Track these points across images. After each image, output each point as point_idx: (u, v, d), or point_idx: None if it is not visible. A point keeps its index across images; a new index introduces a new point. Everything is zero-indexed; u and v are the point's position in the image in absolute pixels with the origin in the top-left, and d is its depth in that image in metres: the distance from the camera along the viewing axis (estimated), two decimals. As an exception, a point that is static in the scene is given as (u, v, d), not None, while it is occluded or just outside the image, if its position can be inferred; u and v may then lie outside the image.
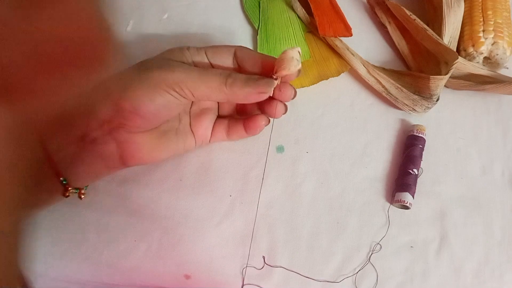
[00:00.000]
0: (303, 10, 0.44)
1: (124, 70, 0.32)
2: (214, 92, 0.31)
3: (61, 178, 0.31)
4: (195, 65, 0.33)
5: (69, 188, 0.32)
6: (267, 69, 0.33)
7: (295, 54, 0.31)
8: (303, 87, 0.41)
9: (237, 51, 0.34)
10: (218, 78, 0.30)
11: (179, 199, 0.37)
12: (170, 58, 0.32)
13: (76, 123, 0.30)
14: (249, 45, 0.44)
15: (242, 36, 0.44)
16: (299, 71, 0.32)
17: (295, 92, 0.34)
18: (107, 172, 0.34)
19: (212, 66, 0.34)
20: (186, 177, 0.37)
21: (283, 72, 0.31)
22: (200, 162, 0.38)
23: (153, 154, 0.33)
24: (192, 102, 0.35)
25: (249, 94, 0.31)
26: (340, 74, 0.41)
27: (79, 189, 0.33)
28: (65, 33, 0.19)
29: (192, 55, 0.33)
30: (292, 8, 0.45)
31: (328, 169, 0.38)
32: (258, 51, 0.43)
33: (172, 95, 0.30)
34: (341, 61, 0.42)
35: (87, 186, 0.34)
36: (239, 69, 0.34)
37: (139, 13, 0.45)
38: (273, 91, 0.32)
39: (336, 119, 0.40)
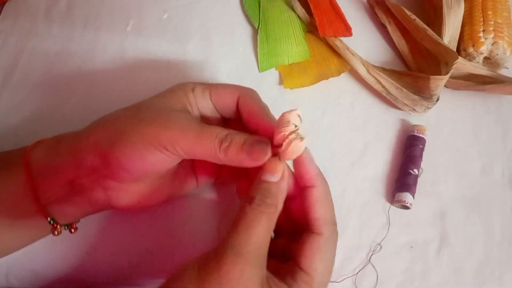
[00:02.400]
0: (303, 10, 0.44)
1: (120, 112, 0.29)
2: (209, 157, 0.28)
3: (48, 218, 0.30)
4: (199, 110, 0.31)
5: (57, 226, 0.30)
6: (265, 129, 0.29)
7: (292, 118, 0.26)
8: (303, 87, 0.41)
9: (240, 99, 0.30)
10: (212, 143, 0.27)
11: (180, 200, 0.36)
12: (171, 103, 0.29)
13: (64, 169, 0.29)
14: (249, 45, 0.44)
15: (242, 36, 0.44)
16: (300, 139, 0.25)
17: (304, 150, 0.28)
18: (96, 211, 0.32)
19: (215, 108, 0.31)
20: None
21: (279, 140, 0.26)
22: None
23: (144, 202, 0.31)
24: None
25: (244, 161, 0.27)
26: (340, 74, 0.41)
27: (69, 225, 0.32)
28: None
29: (197, 98, 0.30)
30: (292, 8, 0.45)
31: (328, 169, 0.38)
32: (258, 51, 0.43)
33: (164, 153, 0.27)
34: (341, 61, 0.42)
35: (79, 220, 0.33)
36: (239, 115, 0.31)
37: (139, 13, 0.45)
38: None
39: (336, 119, 0.40)
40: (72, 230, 0.32)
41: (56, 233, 0.31)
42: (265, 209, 0.25)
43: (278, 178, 0.27)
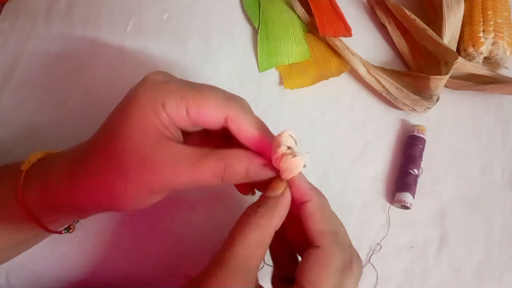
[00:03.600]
0: (303, 10, 0.44)
1: (99, 159, 0.26)
2: (207, 187, 0.26)
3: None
4: (176, 124, 0.26)
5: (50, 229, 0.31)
6: (262, 147, 0.26)
7: (284, 139, 0.24)
8: (303, 87, 0.41)
9: (229, 122, 0.25)
10: (211, 179, 0.25)
11: (179, 199, 0.36)
12: (146, 134, 0.25)
13: (64, 213, 0.29)
14: (249, 45, 0.44)
15: (242, 36, 0.44)
16: (293, 155, 0.24)
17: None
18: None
19: (194, 123, 0.26)
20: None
21: (275, 163, 0.25)
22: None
23: (144, 205, 0.28)
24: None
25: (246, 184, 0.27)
26: (340, 74, 0.41)
27: (67, 228, 0.32)
28: None
29: (170, 116, 0.25)
30: (292, 8, 0.45)
31: (328, 169, 0.38)
32: (258, 51, 0.43)
33: (160, 195, 0.26)
34: (341, 61, 0.42)
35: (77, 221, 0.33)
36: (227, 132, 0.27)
37: (139, 13, 0.45)
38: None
39: (336, 119, 0.40)
40: (70, 231, 0.32)
41: (58, 230, 0.31)
42: (254, 219, 0.24)
43: (278, 194, 0.26)
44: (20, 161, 0.30)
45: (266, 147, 0.25)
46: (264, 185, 0.26)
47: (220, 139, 0.29)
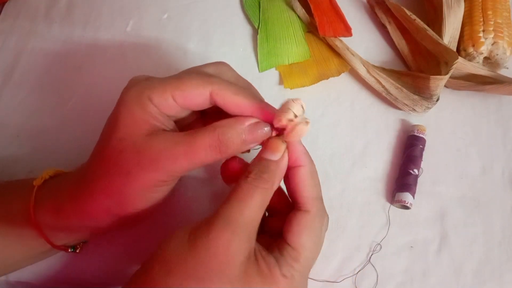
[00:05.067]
0: (303, 10, 0.44)
1: (102, 165, 0.27)
2: (209, 162, 0.26)
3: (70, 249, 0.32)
4: (167, 115, 0.27)
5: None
6: (250, 112, 0.27)
7: (295, 106, 0.25)
8: (303, 87, 0.41)
9: (214, 96, 0.26)
10: (208, 155, 0.25)
11: (180, 199, 0.36)
12: (138, 130, 0.26)
13: (76, 229, 0.30)
14: (249, 45, 0.44)
15: (242, 36, 0.44)
16: (306, 123, 0.25)
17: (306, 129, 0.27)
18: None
19: (183, 108, 0.27)
20: (186, 176, 0.37)
21: (280, 124, 0.25)
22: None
23: (153, 201, 0.29)
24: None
25: (246, 148, 0.27)
26: (340, 74, 0.41)
27: (74, 247, 0.33)
28: None
29: (159, 107, 0.26)
30: (292, 8, 0.45)
31: (328, 169, 0.38)
32: (258, 51, 0.43)
33: (164, 185, 0.27)
34: (341, 61, 0.42)
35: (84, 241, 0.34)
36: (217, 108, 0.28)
37: (139, 13, 0.45)
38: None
39: (336, 119, 0.40)
40: (77, 251, 0.33)
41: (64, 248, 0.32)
42: (260, 183, 0.25)
43: (279, 157, 0.26)
44: (30, 178, 0.31)
45: (255, 111, 0.26)
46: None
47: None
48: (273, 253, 0.26)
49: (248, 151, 0.30)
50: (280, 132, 0.26)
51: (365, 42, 0.44)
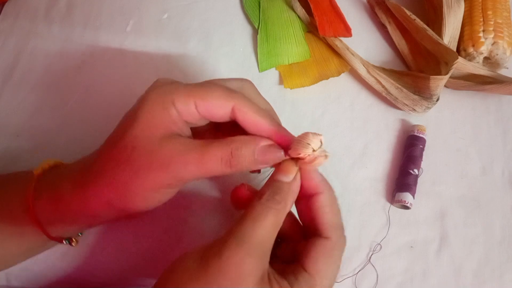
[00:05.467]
0: (303, 10, 0.44)
1: (112, 163, 0.27)
2: (217, 174, 0.27)
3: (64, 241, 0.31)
4: (185, 121, 0.27)
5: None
6: (267, 133, 0.27)
7: (314, 141, 0.25)
8: (303, 86, 0.41)
9: (236, 111, 0.27)
10: (219, 166, 0.26)
11: (179, 199, 0.36)
12: (156, 131, 0.26)
13: (77, 220, 0.30)
14: (249, 45, 0.44)
15: (242, 36, 0.44)
16: (326, 157, 0.26)
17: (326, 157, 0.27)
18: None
19: (203, 117, 0.27)
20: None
21: (294, 155, 0.26)
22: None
23: (155, 202, 0.29)
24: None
25: (256, 168, 0.27)
26: (340, 74, 0.41)
27: (69, 239, 0.32)
28: None
29: (180, 112, 0.26)
30: (292, 8, 0.45)
31: (328, 169, 0.38)
32: (258, 51, 0.43)
33: (170, 189, 0.27)
34: (341, 61, 0.42)
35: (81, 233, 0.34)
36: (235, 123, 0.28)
37: (139, 13, 0.45)
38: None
39: (336, 119, 0.40)
40: (72, 244, 0.33)
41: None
42: (273, 204, 0.25)
43: (291, 179, 0.26)
44: (29, 170, 0.30)
45: (272, 133, 0.27)
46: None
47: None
48: (288, 278, 0.26)
49: (259, 171, 0.30)
50: (295, 159, 0.27)
51: (365, 42, 0.44)
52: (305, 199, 0.28)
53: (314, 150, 0.26)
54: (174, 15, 0.45)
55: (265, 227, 0.25)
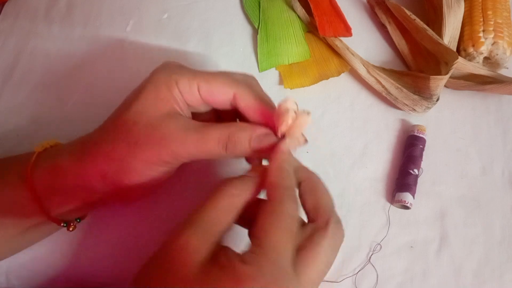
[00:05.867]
0: (303, 10, 0.44)
1: (111, 135, 0.28)
2: (213, 157, 0.28)
3: (62, 224, 0.31)
4: (187, 103, 0.28)
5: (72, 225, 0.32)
6: (267, 120, 0.28)
7: (290, 105, 0.26)
8: (303, 86, 0.41)
9: (237, 98, 0.28)
10: (216, 147, 0.27)
11: (180, 199, 0.36)
12: (157, 107, 0.27)
13: (73, 195, 0.29)
14: (249, 45, 0.44)
15: (242, 36, 0.44)
16: (308, 113, 0.27)
17: (305, 140, 0.29)
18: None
19: (204, 102, 0.29)
20: (187, 176, 0.37)
21: (283, 128, 0.27)
22: (200, 162, 0.38)
23: (150, 178, 0.29)
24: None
25: (250, 155, 0.28)
26: (340, 74, 0.41)
27: (67, 222, 0.32)
28: None
29: (183, 93, 0.28)
30: (292, 8, 0.45)
31: (328, 169, 0.38)
32: (258, 50, 0.43)
33: (166, 166, 0.28)
34: (341, 61, 0.42)
35: (79, 219, 0.33)
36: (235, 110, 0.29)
37: (139, 13, 0.45)
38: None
39: (336, 119, 0.40)
40: (70, 229, 0.32)
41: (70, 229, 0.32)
42: (228, 188, 0.25)
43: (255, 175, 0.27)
44: (28, 152, 0.31)
45: (271, 120, 0.27)
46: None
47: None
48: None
49: (260, 162, 0.31)
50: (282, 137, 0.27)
51: (365, 42, 0.44)
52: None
53: (295, 113, 0.26)
54: (174, 15, 0.45)
55: (216, 209, 0.24)
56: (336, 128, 0.40)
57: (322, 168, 0.38)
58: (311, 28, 0.44)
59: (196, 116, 0.30)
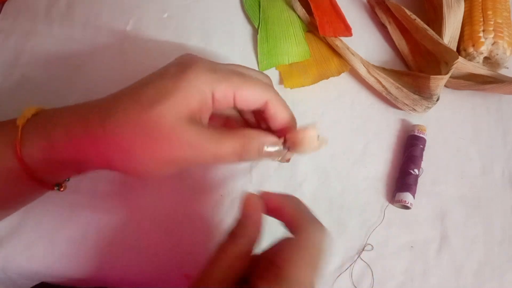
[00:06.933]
0: (303, 9, 0.44)
1: (134, 132, 0.27)
2: (224, 164, 0.29)
3: (55, 188, 0.31)
4: (218, 109, 0.28)
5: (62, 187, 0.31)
6: (286, 130, 0.29)
7: (314, 132, 0.27)
8: (303, 86, 0.41)
9: (269, 106, 0.28)
10: (231, 156, 0.27)
11: (180, 199, 0.36)
12: (181, 110, 0.26)
13: (67, 170, 0.29)
14: (249, 45, 0.44)
15: (242, 36, 0.44)
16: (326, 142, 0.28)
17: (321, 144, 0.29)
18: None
19: (236, 106, 0.28)
20: (187, 176, 0.37)
21: (299, 150, 0.28)
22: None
23: (154, 175, 0.29)
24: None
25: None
26: (340, 74, 0.41)
27: (59, 184, 0.32)
28: None
29: (216, 103, 0.27)
30: (292, 7, 0.45)
31: (329, 168, 0.38)
32: (258, 50, 0.43)
33: (176, 168, 0.28)
34: (341, 61, 0.42)
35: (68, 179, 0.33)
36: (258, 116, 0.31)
37: (139, 12, 0.45)
38: None
39: (336, 119, 0.40)
40: (61, 189, 0.32)
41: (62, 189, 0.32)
42: (232, 238, 0.26)
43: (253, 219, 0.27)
44: (9, 120, 0.30)
45: (289, 130, 0.28)
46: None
47: (237, 122, 0.32)
48: None
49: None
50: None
51: (365, 42, 0.44)
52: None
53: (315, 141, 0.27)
54: (174, 14, 0.45)
55: (226, 260, 0.25)
56: (336, 128, 0.40)
57: (322, 168, 0.38)
58: (311, 27, 0.44)
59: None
